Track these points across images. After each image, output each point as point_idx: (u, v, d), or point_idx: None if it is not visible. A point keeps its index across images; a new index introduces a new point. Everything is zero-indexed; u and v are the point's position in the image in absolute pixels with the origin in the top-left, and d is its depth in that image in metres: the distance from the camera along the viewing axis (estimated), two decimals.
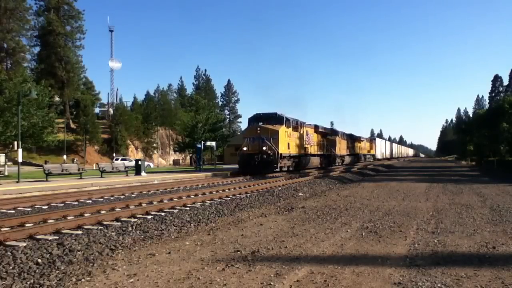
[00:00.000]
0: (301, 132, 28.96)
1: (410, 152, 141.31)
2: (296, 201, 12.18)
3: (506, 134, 41.61)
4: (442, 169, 39.01)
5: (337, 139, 38.29)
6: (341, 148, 40.19)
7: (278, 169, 24.41)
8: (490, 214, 9.46)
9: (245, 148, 24.96)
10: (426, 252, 5.87)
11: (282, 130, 25.10)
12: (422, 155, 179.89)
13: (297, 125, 28.29)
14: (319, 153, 33.22)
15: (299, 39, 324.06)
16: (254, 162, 23.95)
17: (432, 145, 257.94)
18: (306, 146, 29.80)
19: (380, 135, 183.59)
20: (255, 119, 27.07)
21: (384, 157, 71.61)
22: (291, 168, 27.21)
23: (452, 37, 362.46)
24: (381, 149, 69.83)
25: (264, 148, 23.98)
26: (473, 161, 59.22)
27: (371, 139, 64.91)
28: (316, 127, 33.47)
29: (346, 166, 38.76)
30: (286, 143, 25.65)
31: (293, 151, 26.94)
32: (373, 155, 61.20)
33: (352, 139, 47.26)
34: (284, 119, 25.98)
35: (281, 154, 24.36)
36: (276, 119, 26.00)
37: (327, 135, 36.54)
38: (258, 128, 24.94)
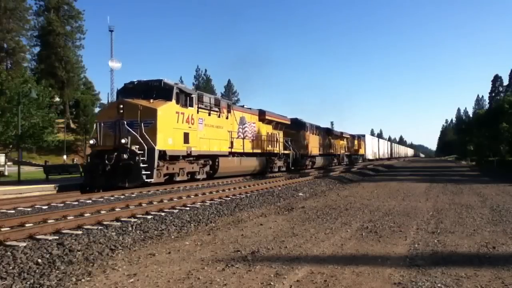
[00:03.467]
0: (226, 118, 19.25)
1: (410, 152, 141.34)
2: (296, 201, 12.18)
3: (506, 134, 41.61)
4: (442, 169, 39.00)
5: (303, 134, 29.87)
6: (310, 145, 31.51)
7: (154, 179, 14.01)
8: (490, 214, 9.46)
9: (92, 142, 14.66)
10: (426, 252, 5.87)
11: (168, 109, 14.77)
12: (422, 155, 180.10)
13: (216, 106, 18.26)
14: (267, 151, 23.99)
15: (296, 38, 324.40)
16: (104, 167, 13.54)
17: (432, 145, 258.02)
18: (235, 140, 19.97)
19: (380, 135, 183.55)
20: (124, 92, 15.77)
21: (377, 157, 64.25)
22: (200, 176, 17.34)
23: (452, 37, 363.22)
24: (373, 148, 62.04)
25: (123, 141, 13.58)
26: (473, 161, 59.21)
27: (359, 136, 54.78)
28: (262, 114, 23.66)
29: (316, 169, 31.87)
30: (180, 132, 15.47)
31: (198, 146, 16.59)
32: (362, 156, 54.17)
33: (330, 135, 39.26)
34: (175, 91, 15.23)
35: (162, 151, 14.41)
36: (160, 90, 15.20)
37: (286, 128, 27.47)
38: (121, 105, 14.31)
